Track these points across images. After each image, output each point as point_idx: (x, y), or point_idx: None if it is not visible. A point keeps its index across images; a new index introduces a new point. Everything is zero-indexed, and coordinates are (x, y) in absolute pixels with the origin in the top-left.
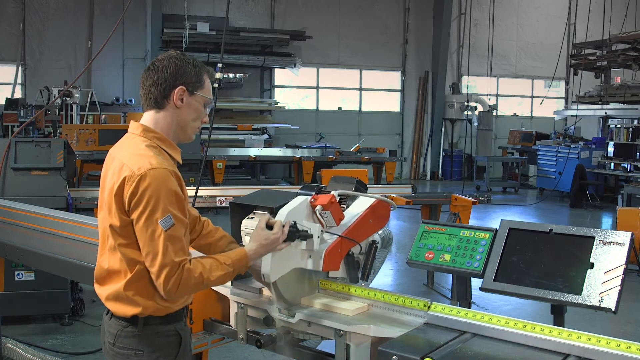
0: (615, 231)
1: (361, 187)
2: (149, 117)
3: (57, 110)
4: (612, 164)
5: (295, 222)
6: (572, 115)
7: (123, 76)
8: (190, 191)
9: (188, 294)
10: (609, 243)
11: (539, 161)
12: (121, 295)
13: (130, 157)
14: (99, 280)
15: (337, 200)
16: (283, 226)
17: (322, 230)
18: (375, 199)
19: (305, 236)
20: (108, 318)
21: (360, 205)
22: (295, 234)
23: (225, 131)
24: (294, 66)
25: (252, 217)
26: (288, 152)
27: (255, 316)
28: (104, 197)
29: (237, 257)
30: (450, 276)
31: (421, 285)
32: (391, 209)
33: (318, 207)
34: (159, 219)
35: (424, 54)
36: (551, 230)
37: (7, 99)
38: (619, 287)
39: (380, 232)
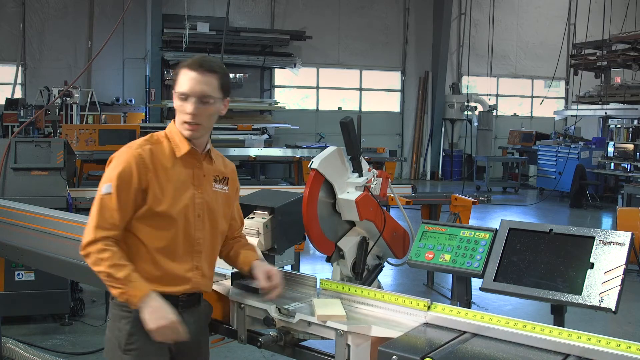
0: (615, 231)
1: None
2: None
3: (57, 110)
4: (612, 164)
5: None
6: (572, 115)
7: (123, 76)
8: None
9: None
10: (609, 243)
11: (539, 161)
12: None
13: None
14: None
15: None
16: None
17: (366, 183)
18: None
19: (359, 154)
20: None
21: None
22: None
23: (225, 131)
24: (294, 66)
25: (252, 217)
26: (288, 152)
27: (255, 316)
28: None
29: (137, 283)
30: (450, 276)
31: (421, 285)
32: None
33: (374, 171)
34: None
35: (424, 54)
36: (551, 230)
37: (7, 99)
38: (619, 287)
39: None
